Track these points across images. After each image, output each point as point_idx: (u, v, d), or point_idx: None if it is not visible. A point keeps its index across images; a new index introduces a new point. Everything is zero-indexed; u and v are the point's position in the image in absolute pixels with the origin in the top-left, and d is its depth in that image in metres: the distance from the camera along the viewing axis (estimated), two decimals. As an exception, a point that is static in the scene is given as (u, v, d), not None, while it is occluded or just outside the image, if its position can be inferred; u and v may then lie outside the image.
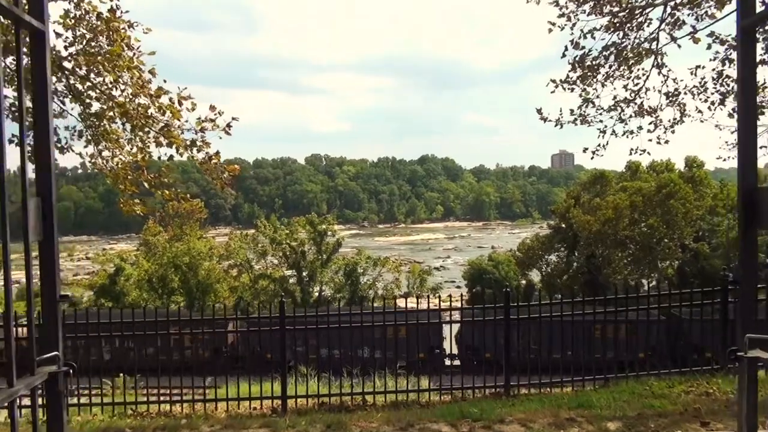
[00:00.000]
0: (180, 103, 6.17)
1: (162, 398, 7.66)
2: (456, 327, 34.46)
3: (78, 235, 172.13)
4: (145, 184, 6.77)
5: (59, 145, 6.63)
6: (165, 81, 6.27)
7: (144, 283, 47.21)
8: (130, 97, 6.13)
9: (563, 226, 48.98)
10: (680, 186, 45.57)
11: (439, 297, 8.29)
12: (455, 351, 29.91)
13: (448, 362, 31.64)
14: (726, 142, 7.86)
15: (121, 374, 9.25)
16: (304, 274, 47.31)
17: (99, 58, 5.78)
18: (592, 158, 7.05)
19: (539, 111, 6.67)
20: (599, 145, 6.97)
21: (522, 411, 5.70)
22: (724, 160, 7.94)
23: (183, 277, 46.56)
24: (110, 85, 6.01)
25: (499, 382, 7.96)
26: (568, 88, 6.44)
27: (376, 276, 48.19)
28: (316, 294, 47.70)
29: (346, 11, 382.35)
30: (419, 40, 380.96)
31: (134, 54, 6.01)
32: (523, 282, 50.57)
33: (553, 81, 6.44)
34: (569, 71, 6.30)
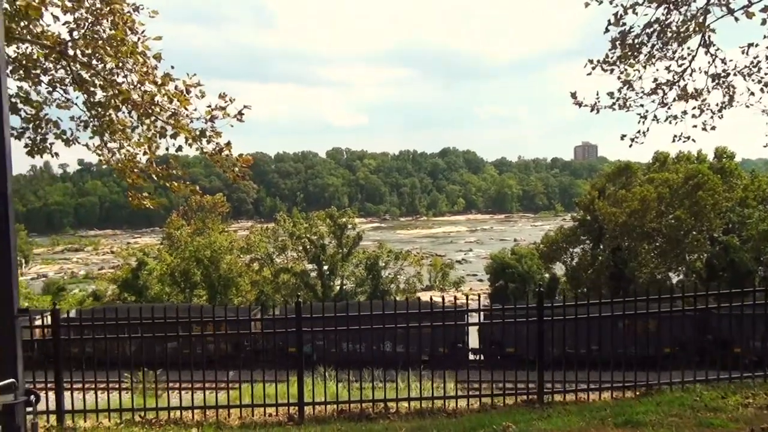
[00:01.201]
0: (188, 91, 5.79)
1: (172, 404, 7.29)
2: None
3: (103, 229, 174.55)
4: (154, 177, 6.42)
5: (64, 137, 6.30)
6: (172, 67, 5.91)
7: (166, 277, 47.34)
8: (136, 84, 5.77)
9: (588, 218, 48.06)
10: (709, 177, 44.40)
11: (467, 297, 7.79)
12: (479, 345, 29.49)
13: (471, 357, 31.30)
14: (774, 128, 7.27)
15: (143, 369, 8.96)
16: (325, 267, 47.03)
17: (100, 42, 5.41)
18: (630, 145, 6.52)
19: (573, 95, 6.16)
20: (639, 132, 6.43)
21: (561, 427, 5.19)
22: (773, 148, 7.34)
23: (205, 271, 46.58)
24: (112, 72, 5.64)
25: (528, 380, 7.51)
26: (608, 69, 5.92)
27: (397, 270, 47.78)
28: (338, 288, 47.44)
29: (359, 3, 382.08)
30: (435, 32, 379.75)
31: (139, 39, 5.64)
32: (547, 275, 49.76)
33: (591, 61, 5.93)
34: (609, 50, 5.80)
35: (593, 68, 5.94)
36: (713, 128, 6.21)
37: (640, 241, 45.66)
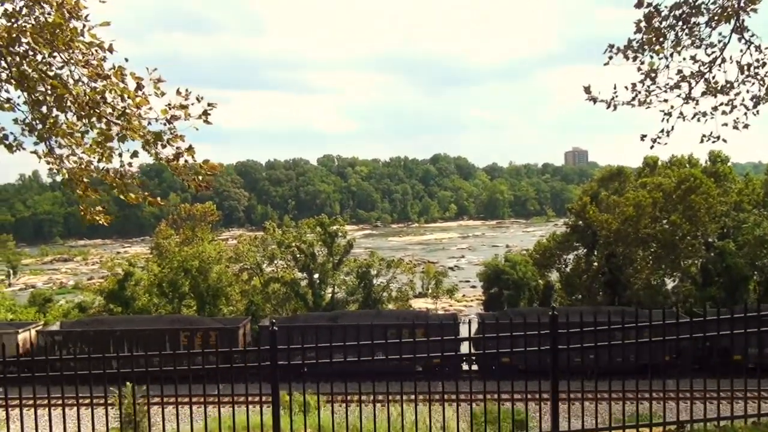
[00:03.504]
0: (139, 87, 4.97)
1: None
2: (473, 328, 32.98)
3: (93, 238, 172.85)
4: (111, 185, 5.59)
5: (6, 142, 5.48)
6: (126, 60, 5.10)
7: (154, 288, 46.45)
8: (77, 78, 4.97)
9: (580, 224, 47.45)
10: (701, 180, 43.91)
11: (470, 324, 7.03)
12: (473, 354, 28.75)
13: (465, 366, 30.55)
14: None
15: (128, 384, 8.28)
16: (316, 276, 46.18)
17: (29, 27, 4.59)
18: (651, 147, 5.77)
19: (587, 90, 5.40)
20: (662, 131, 5.66)
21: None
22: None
23: (193, 281, 45.70)
24: (49, 64, 4.83)
25: (541, 395, 6.80)
26: (631, 56, 5.17)
27: (390, 278, 46.98)
28: (329, 296, 46.61)
29: (348, 9, 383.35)
30: (422, 37, 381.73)
31: (84, 26, 4.85)
32: (541, 282, 49.03)
33: (611, 47, 5.16)
34: (634, 32, 5.06)
35: (611, 57, 5.19)
36: (746, 126, 5.48)
37: (635, 247, 45.11)
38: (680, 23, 4.96)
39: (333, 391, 7.57)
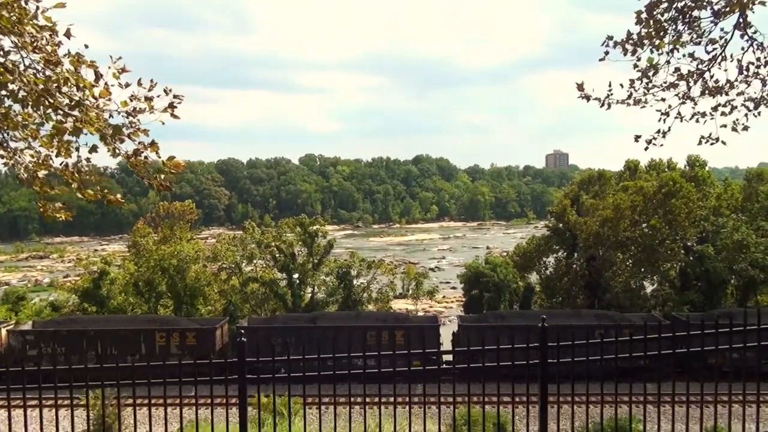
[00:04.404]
0: (98, 77, 4.56)
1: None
2: (453, 329, 32.65)
3: (69, 235, 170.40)
4: (70, 182, 5.19)
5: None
6: (86, 47, 4.70)
7: (130, 287, 45.58)
8: (33, 65, 4.56)
9: (561, 227, 47.46)
10: (681, 185, 44.08)
11: (453, 335, 6.67)
12: (452, 355, 28.49)
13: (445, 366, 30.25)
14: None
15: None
16: (295, 276, 45.64)
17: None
18: (646, 148, 5.47)
19: (580, 87, 5.10)
20: (658, 131, 5.36)
21: None
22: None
23: (170, 280, 44.91)
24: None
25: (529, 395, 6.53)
26: (630, 49, 4.85)
27: (370, 279, 46.57)
28: (308, 297, 46.10)
29: (337, 10, 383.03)
30: (409, 40, 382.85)
31: (37, 7, 4.43)
32: (521, 284, 48.90)
33: (610, 38, 4.83)
34: (634, 23, 4.74)
35: (607, 53, 4.85)
36: (745, 128, 5.20)
37: (615, 250, 45.14)
38: (681, 16, 4.67)
39: (306, 394, 7.22)
